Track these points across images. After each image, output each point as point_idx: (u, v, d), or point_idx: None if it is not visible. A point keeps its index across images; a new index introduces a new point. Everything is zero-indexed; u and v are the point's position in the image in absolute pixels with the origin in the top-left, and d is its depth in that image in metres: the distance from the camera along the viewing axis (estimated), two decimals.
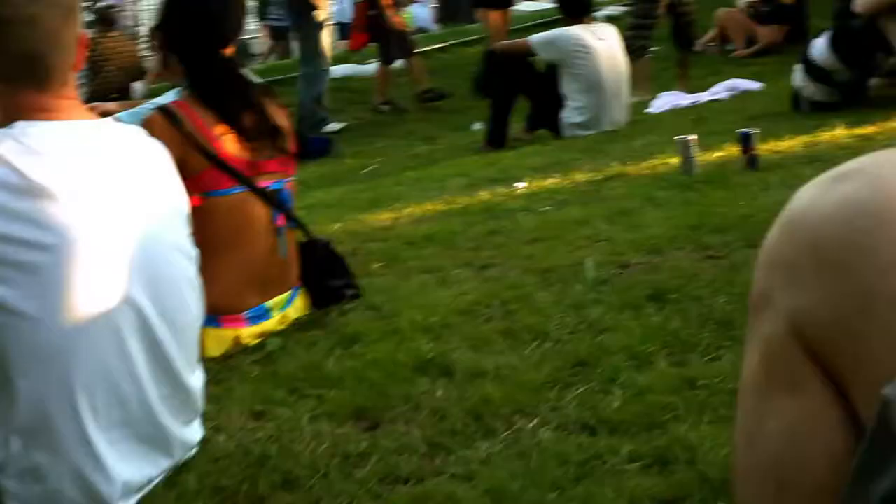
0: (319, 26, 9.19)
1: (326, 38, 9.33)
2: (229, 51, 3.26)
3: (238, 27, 3.47)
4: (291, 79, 10.22)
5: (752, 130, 4.71)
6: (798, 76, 6.24)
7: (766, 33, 10.79)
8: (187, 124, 3.02)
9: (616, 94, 6.99)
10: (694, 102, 7.78)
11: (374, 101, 10.64)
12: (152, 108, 3.20)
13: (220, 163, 3.03)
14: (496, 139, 7.19)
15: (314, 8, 9.14)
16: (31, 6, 1.99)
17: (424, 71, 10.86)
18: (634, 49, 8.18)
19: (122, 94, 10.85)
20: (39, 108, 2.02)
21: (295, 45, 12.23)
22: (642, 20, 8.82)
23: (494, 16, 11.00)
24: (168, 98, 3.37)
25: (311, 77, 9.26)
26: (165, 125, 2.98)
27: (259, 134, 3.12)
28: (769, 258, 0.85)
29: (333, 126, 9.56)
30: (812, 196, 0.83)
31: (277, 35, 15.91)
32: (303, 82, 9.39)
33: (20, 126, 1.98)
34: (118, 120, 3.52)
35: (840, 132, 5.16)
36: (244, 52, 13.91)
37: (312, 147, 7.90)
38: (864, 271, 0.77)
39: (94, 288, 1.97)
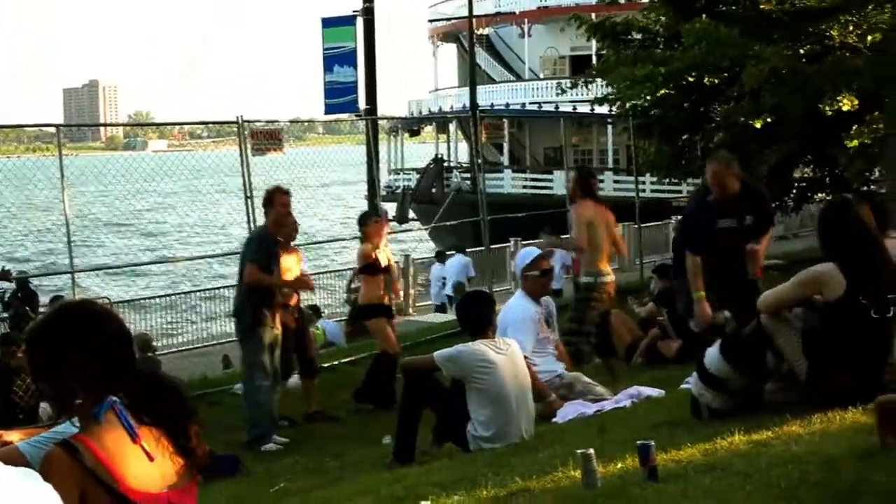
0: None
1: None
2: None
3: None
4: None
5: (651, 443, 4.81)
6: (694, 384, 6.39)
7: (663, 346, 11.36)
8: (90, 459, 3.03)
9: (521, 406, 7.07)
10: (599, 411, 7.93)
11: None
12: (54, 441, 3.21)
13: (121, 497, 3.02)
14: (403, 454, 7.20)
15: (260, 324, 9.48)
16: None
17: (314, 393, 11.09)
18: (578, 354, 8.65)
19: (28, 415, 10.70)
20: None
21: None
22: (577, 325, 9.25)
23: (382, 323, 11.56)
24: (69, 430, 3.37)
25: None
26: (67, 460, 2.98)
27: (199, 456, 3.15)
28: None
29: (270, 447, 9.57)
30: None
31: None
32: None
33: None
34: (19, 451, 3.53)
35: (737, 439, 5.28)
36: None
37: (221, 466, 7.81)
38: None
39: None
